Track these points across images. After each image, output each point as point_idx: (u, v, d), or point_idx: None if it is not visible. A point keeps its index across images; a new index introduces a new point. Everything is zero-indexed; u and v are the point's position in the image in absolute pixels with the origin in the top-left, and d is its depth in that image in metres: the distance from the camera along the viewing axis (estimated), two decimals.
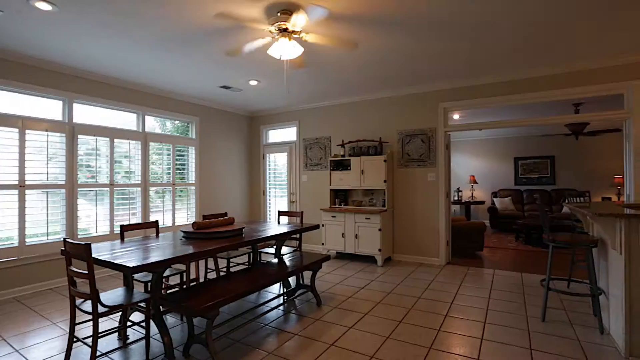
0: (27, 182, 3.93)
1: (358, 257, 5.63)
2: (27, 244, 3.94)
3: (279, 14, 2.87)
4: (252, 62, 4.14)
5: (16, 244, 3.86)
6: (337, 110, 6.11)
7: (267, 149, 7.02)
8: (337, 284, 4.20)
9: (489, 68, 4.39)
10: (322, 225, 5.61)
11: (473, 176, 9.17)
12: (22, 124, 3.90)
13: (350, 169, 5.57)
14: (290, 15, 2.86)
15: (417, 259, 5.33)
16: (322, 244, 5.60)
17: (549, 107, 5.79)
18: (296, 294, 3.78)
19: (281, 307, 3.44)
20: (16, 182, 3.85)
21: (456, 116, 6.65)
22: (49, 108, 4.23)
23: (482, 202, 8.77)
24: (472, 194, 9.18)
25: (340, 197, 5.89)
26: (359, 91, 5.54)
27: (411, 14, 2.96)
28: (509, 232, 8.20)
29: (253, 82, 4.98)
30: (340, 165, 5.78)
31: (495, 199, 8.66)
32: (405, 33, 3.33)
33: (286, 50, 2.95)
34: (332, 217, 5.49)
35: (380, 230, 5.05)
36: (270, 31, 3.01)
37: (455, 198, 9.14)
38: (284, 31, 2.94)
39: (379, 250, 5.06)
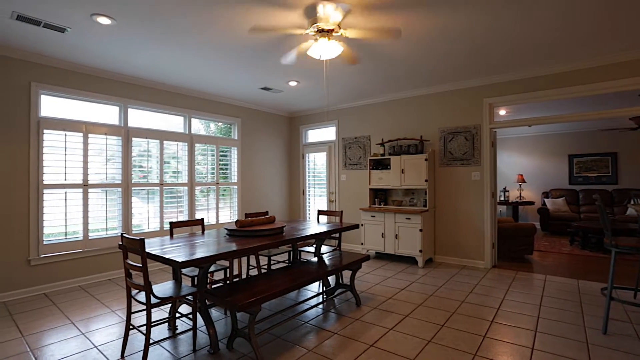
0: (89, 182, 4.31)
1: (398, 258, 5.52)
2: (90, 238, 4.32)
3: (319, 15, 2.89)
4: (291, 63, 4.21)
5: (81, 238, 4.25)
6: (377, 109, 6.04)
7: (306, 149, 7.10)
8: (376, 284, 4.16)
9: (538, 59, 4.10)
10: (362, 225, 5.57)
11: (521, 175, 8.64)
12: (86, 128, 4.27)
13: (390, 168, 5.48)
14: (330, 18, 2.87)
15: (460, 261, 5.13)
16: (362, 244, 5.57)
17: (609, 98, 5.31)
18: (335, 293, 3.79)
19: (320, 306, 3.47)
20: (81, 182, 4.23)
21: (502, 112, 6.31)
22: (107, 113, 4.59)
23: (531, 203, 8.23)
24: (520, 194, 8.66)
25: (380, 196, 5.81)
26: (399, 89, 5.43)
27: None
28: (562, 236, 7.63)
29: (293, 83, 5.07)
30: (380, 164, 5.71)
31: (546, 200, 8.10)
32: (449, 10, 3.21)
33: (326, 50, 2.97)
34: (372, 216, 5.44)
35: (421, 230, 4.92)
36: (309, 33, 3.04)
37: (502, 198, 8.67)
38: (323, 32, 2.96)
39: (420, 251, 4.93)
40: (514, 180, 9.02)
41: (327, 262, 3.41)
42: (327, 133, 6.85)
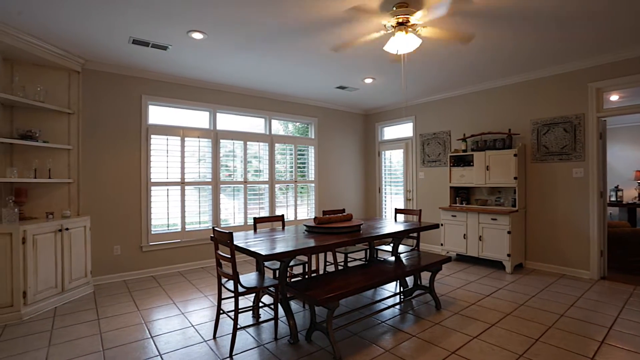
0: (186, 180, 4.85)
1: (482, 261, 5.12)
2: (186, 230, 4.87)
3: (394, 8, 2.81)
4: (367, 59, 4.18)
5: (179, 230, 4.82)
6: (457, 102, 5.66)
7: (382, 146, 6.99)
8: (457, 288, 3.92)
9: None
10: (441, 225, 5.29)
11: (639, 171, 7.29)
12: (183, 133, 4.83)
13: (472, 165, 5.10)
14: (407, 7, 2.78)
15: (557, 269, 4.54)
16: (441, 245, 5.29)
17: None
18: (413, 295, 3.67)
19: (398, 306, 3.39)
20: (179, 180, 4.79)
21: (614, 97, 5.38)
22: (199, 118, 5.11)
23: None
24: (638, 193, 7.30)
25: (462, 195, 5.45)
26: (483, 79, 5.00)
27: None
28: None
29: (368, 80, 5.03)
30: (462, 161, 5.35)
31: None
32: None
33: (403, 44, 2.88)
34: (452, 216, 5.13)
35: (509, 233, 4.48)
36: (385, 25, 2.98)
37: (613, 199, 7.42)
38: (401, 25, 2.87)
39: (508, 255, 4.50)
40: (630, 177, 7.65)
41: (404, 262, 3.32)
42: (403, 129, 6.65)
